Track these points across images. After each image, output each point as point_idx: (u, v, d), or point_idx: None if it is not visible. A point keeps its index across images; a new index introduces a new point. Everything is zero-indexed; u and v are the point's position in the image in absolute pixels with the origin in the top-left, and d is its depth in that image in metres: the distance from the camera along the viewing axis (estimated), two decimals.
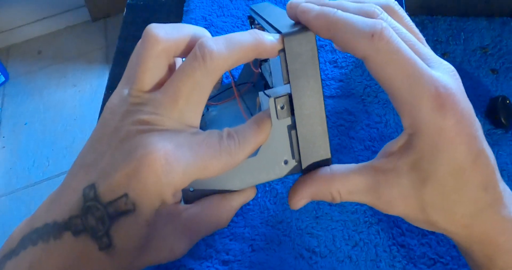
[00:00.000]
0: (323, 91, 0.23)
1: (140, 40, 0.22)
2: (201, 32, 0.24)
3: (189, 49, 0.23)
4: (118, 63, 0.46)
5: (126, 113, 0.21)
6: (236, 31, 0.49)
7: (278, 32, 0.22)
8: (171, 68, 0.23)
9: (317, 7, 0.21)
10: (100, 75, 1.54)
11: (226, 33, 0.50)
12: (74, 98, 1.48)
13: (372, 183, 0.21)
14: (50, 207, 0.21)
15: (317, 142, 0.23)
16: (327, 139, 0.23)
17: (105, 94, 0.44)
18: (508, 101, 0.35)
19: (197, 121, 0.22)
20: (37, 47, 1.66)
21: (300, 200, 0.23)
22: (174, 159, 0.20)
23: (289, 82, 0.22)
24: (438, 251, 0.30)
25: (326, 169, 0.23)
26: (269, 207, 0.32)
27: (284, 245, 0.31)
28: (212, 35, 0.49)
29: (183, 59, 0.26)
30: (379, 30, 0.19)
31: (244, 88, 0.37)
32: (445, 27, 0.42)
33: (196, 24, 0.49)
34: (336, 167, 0.23)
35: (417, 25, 0.23)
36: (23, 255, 0.20)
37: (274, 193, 0.33)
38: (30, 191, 1.28)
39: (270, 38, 0.21)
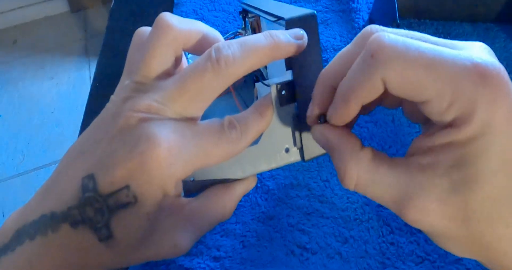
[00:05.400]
0: None
1: (151, 28, 0.22)
2: (213, 32, 0.23)
3: (199, 46, 0.22)
4: (105, 55, 0.45)
5: (126, 99, 0.20)
6: (228, 26, 0.48)
7: (280, 18, 0.22)
8: (177, 61, 0.22)
9: None
10: (79, 68, 1.49)
11: (218, 28, 0.50)
12: (51, 91, 1.43)
13: (403, 181, 0.17)
14: (46, 196, 0.20)
15: None
16: None
17: (92, 85, 0.43)
18: None
19: (199, 115, 0.22)
20: (13, 37, 1.60)
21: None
22: (177, 150, 0.19)
23: (291, 68, 0.22)
24: (426, 249, 0.30)
25: (357, 148, 0.18)
26: (260, 203, 0.32)
27: (275, 241, 0.30)
28: None
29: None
30: None
31: (237, 82, 0.37)
32: (432, 31, 0.43)
33: (187, 18, 0.48)
34: (368, 149, 0.18)
35: (405, 27, 0.23)
36: (20, 250, 0.19)
37: (265, 189, 0.33)
38: (2, 186, 1.23)
39: (286, 39, 0.20)
